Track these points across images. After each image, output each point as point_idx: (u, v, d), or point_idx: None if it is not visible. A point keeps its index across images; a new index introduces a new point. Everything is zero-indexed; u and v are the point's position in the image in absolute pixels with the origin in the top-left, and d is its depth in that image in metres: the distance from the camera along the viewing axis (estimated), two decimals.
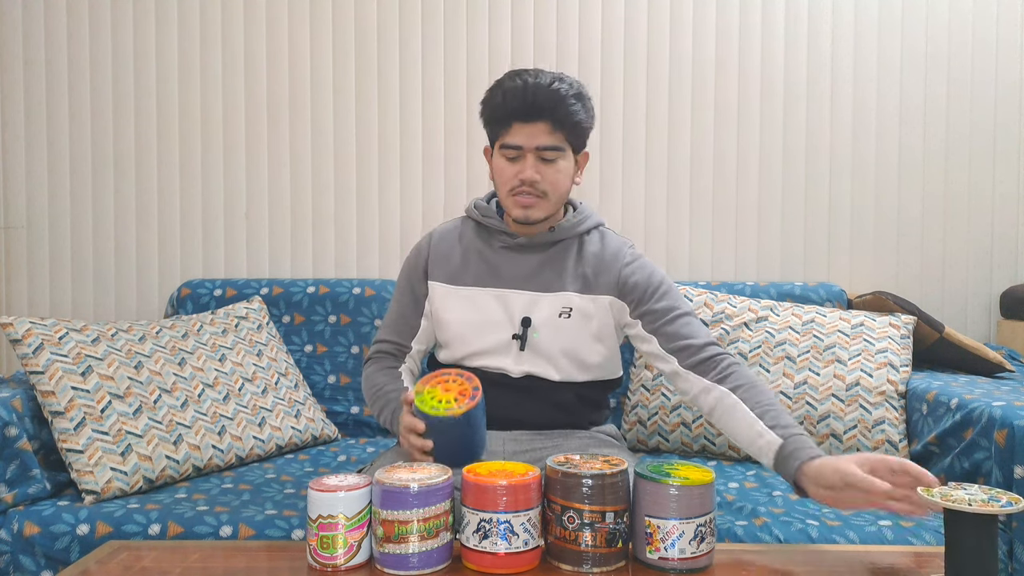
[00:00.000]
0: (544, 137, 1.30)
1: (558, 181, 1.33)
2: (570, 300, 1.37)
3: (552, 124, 1.29)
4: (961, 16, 2.19)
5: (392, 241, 2.21)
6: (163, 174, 2.22)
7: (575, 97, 1.30)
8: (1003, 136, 2.21)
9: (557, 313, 1.36)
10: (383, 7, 2.20)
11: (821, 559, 1.12)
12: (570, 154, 1.34)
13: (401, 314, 1.45)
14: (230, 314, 1.90)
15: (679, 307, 1.36)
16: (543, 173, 1.31)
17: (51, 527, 1.37)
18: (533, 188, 1.31)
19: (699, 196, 2.21)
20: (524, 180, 1.31)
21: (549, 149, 1.30)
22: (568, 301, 1.36)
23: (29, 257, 2.24)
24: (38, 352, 1.51)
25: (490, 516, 0.98)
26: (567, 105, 1.28)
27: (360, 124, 2.21)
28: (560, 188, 1.34)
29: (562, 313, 1.36)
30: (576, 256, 1.40)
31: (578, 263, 1.39)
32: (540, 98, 1.27)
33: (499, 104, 1.31)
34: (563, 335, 1.36)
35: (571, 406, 1.41)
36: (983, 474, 1.43)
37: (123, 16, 2.20)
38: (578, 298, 1.37)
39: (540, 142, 1.30)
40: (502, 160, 1.34)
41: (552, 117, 1.28)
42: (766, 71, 2.19)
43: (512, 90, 1.29)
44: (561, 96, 1.28)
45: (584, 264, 1.39)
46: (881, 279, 2.21)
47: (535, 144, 1.30)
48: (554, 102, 1.28)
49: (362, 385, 1.45)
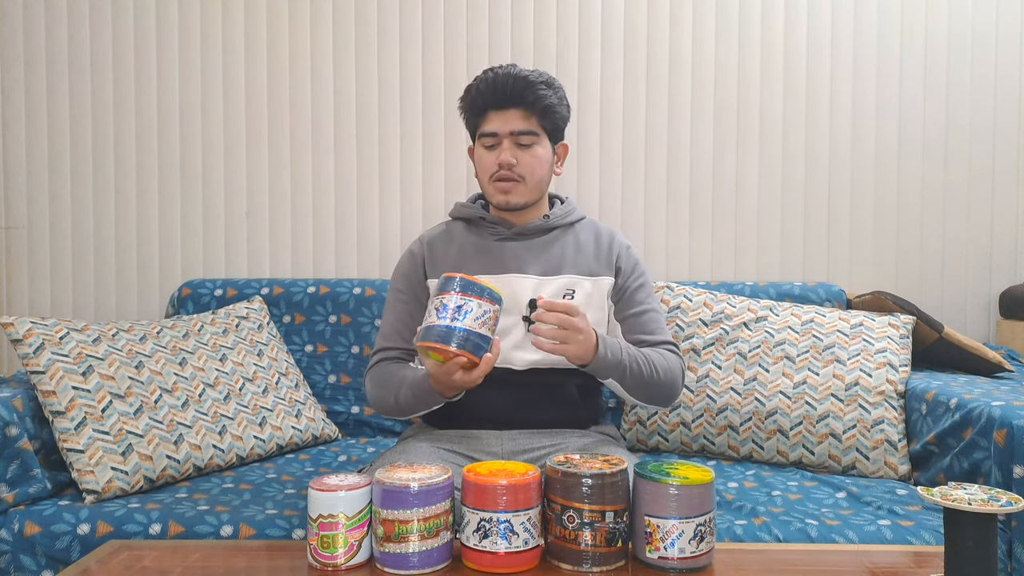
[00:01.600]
0: (518, 122, 1.38)
1: (534, 166, 1.40)
2: (573, 281, 1.41)
3: (524, 109, 1.38)
4: (961, 16, 2.19)
5: (392, 241, 2.21)
6: (164, 174, 2.22)
7: (544, 84, 1.39)
8: (1002, 136, 2.21)
9: (561, 294, 1.40)
10: (383, 7, 2.20)
11: (820, 558, 1.12)
12: (546, 141, 1.42)
13: (401, 320, 1.45)
14: (231, 314, 1.91)
15: (649, 303, 1.45)
16: (519, 158, 1.39)
17: (52, 527, 1.37)
18: (511, 172, 1.38)
19: (699, 196, 2.21)
20: (501, 163, 1.39)
21: (523, 134, 1.39)
22: (572, 282, 1.41)
23: (30, 257, 2.24)
24: (39, 352, 1.51)
25: (490, 515, 0.99)
26: (536, 90, 1.38)
27: (360, 124, 2.21)
28: (537, 173, 1.41)
29: (566, 294, 1.40)
30: (573, 242, 1.46)
31: (577, 248, 1.45)
32: (511, 86, 1.37)
33: (474, 96, 1.41)
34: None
35: (572, 401, 1.42)
36: (982, 474, 1.43)
37: (124, 16, 2.21)
38: (580, 279, 1.42)
39: (514, 127, 1.38)
40: (481, 150, 1.42)
41: (523, 103, 1.38)
42: (765, 71, 2.20)
43: (485, 81, 1.40)
44: (531, 82, 1.38)
45: (583, 248, 1.45)
46: (880, 279, 2.22)
47: (509, 129, 1.38)
48: (523, 88, 1.38)
49: (368, 387, 1.44)
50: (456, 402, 1.35)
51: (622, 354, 1.31)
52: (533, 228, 1.44)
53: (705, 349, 1.81)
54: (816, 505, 1.46)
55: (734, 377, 1.76)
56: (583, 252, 1.45)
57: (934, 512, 1.40)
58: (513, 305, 1.38)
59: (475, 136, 1.45)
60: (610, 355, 1.29)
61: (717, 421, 1.74)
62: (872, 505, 1.45)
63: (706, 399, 1.76)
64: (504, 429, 1.39)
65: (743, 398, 1.73)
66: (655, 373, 1.34)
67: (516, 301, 1.39)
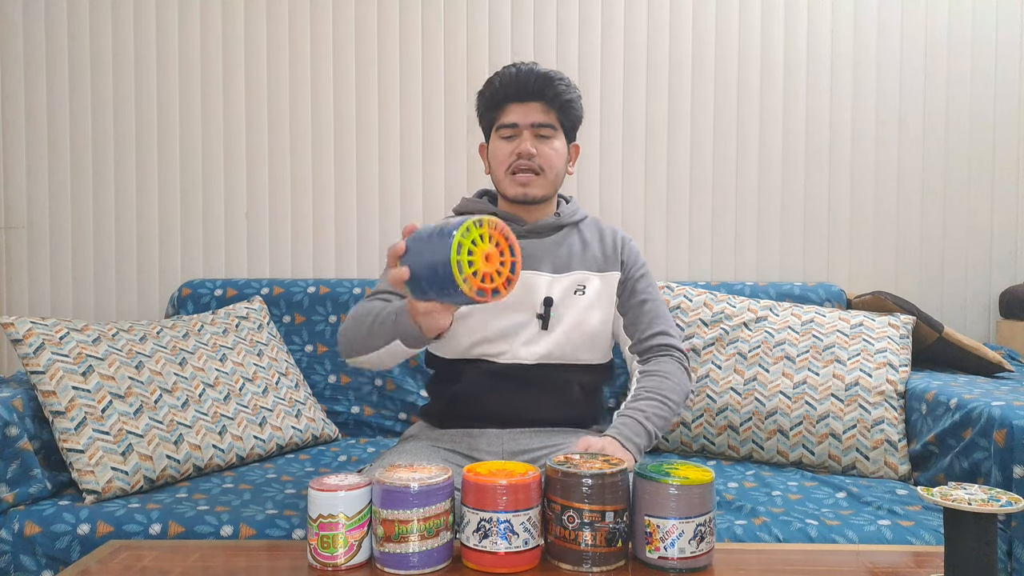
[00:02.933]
0: (538, 115, 1.39)
1: (553, 158, 1.41)
2: (584, 277, 1.43)
3: (545, 103, 1.39)
4: (961, 16, 2.19)
5: (392, 241, 2.20)
6: (164, 174, 2.22)
7: (564, 82, 1.40)
8: (1002, 136, 2.21)
9: (572, 290, 1.40)
10: (383, 7, 2.20)
11: (820, 559, 1.12)
12: (563, 137, 1.43)
13: None
14: (231, 314, 1.91)
15: (649, 293, 1.46)
16: (539, 149, 1.40)
17: (52, 527, 1.37)
18: (530, 163, 1.39)
19: (699, 196, 2.21)
20: (521, 153, 1.39)
21: (543, 126, 1.39)
22: (582, 278, 1.42)
23: (30, 257, 2.24)
24: (39, 352, 1.51)
25: (490, 515, 0.98)
26: (557, 86, 1.39)
27: (360, 124, 2.21)
28: (555, 166, 1.41)
29: (577, 290, 1.41)
30: (580, 239, 1.47)
31: (584, 245, 1.46)
32: (533, 80, 1.38)
33: (495, 89, 1.41)
34: (576, 310, 1.40)
35: (576, 399, 1.42)
36: (982, 474, 1.43)
37: (123, 16, 2.21)
38: (590, 275, 1.43)
39: (535, 119, 1.39)
40: (498, 141, 1.42)
41: (544, 97, 1.39)
42: (765, 71, 2.20)
43: (507, 75, 1.40)
44: (551, 78, 1.39)
45: (589, 245, 1.46)
46: (880, 279, 2.22)
47: (530, 121, 1.39)
48: (545, 83, 1.38)
49: (343, 325, 1.33)
50: (460, 398, 1.34)
51: (648, 425, 1.29)
52: (545, 226, 1.44)
53: (705, 349, 1.81)
54: (816, 505, 1.46)
55: (734, 377, 1.76)
56: (590, 248, 1.46)
57: (934, 512, 1.40)
58: (527, 302, 1.38)
59: (491, 131, 1.45)
60: (644, 442, 1.28)
61: (717, 421, 1.74)
62: (872, 505, 1.45)
63: (706, 399, 1.76)
64: (505, 428, 1.39)
65: (743, 398, 1.73)
66: (672, 407, 1.34)
67: (531, 298, 1.39)
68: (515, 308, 1.38)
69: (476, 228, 0.97)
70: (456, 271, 0.94)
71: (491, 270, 0.98)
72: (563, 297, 1.40)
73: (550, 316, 1.38)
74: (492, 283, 0.99)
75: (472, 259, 0.96)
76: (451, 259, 0.94)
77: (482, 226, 0.98)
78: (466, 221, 0.96)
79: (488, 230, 0.99)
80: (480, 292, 0.97)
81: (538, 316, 1.39)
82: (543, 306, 1.38)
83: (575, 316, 1.40)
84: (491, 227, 0.99)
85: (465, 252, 0.95)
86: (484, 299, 0.98)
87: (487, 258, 0.98)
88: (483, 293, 0.98)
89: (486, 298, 0.98)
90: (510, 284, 1.01)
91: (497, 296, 0.99)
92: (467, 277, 0.95)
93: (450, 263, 0.94)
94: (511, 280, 1.01)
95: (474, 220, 0.97)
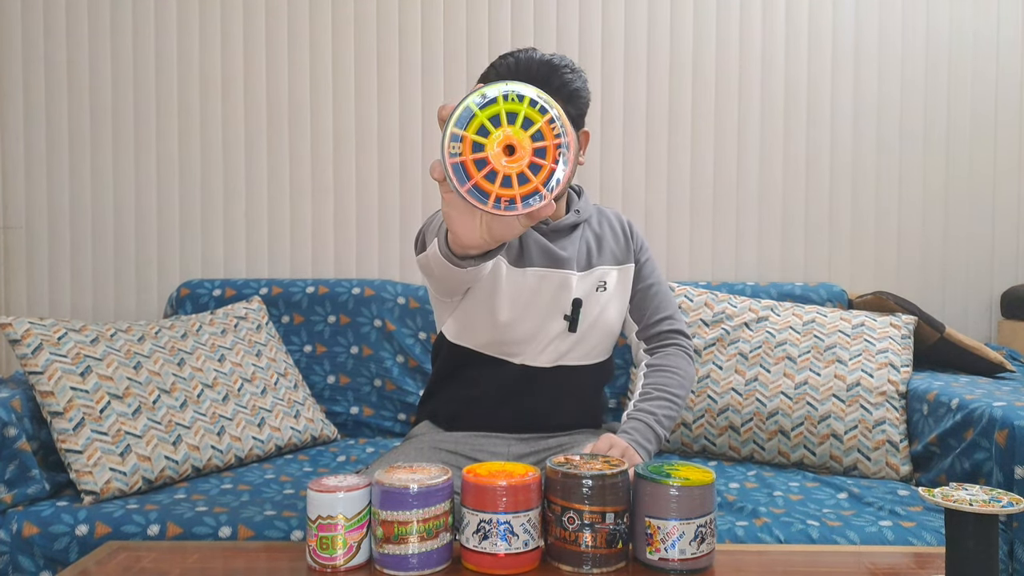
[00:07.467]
0: None
1: None
2: (604, 272, 1.39)
3: (550, 93, 1.27)
4: (961, 17, 2.19)
5: (392, 241, 2.21)
6: (162, 174, 2.22)
7: (568, 68, 1.29)
8: (1004, 136, 2.21)
9: (595, 287, 1.38)
10: (383, 6, 2.19)
11: (822, 560, 1.11)
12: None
13: None
14: (229, 314, 1.90)
15: (654, 278, 1.44)
16: None
17: (50, 527, 1.37)
18: None
19: (699, 196, 2.21)
20: None
21: None
22: (603, 274, 1.39)
23: (28, 257, 2.23)
24: (37, 352, 1.51)
25: (490, 517, 0.98)
26: (562, 74, 1.28)
27: (360, 124, 2.21)
28: None
29: (599, 287, 1.38)
30: (593, 233, 1.42)
31: (598, 238, 1.42)
32: (535, 71, 1.26)
33: (496, 79, 1.29)
34: (597, 308, 1.37)
35: (587, 399, 1.42)
36: (984, 474, 1.43)
37: (122, 16, 2.20)
38: (608, 269, 1.40)
39: None
40: None
41: (549, 88, 1.26)
42: (766, 71, 2.19)
43: (505, 66, 1.28)
44: (555, 66, 1.27)
45: (603, 237, 1.42)
46: (882, 279, 2.21)
47: None
48: (548, 72, 1.26)
49: (421, 261, 1.23)
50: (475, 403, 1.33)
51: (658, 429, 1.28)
52: (566, 225, 1.38)
53: (706, 349, 1.80)
54: (817, 506, 1.45)
55: (735, 377, 1.76)
56: (606, 242, 1.41)
57: (935, 513, 1.40)
58: (558, 302, 1.34)
59: None
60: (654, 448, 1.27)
61: (718, 422, 1.74)
62: (873, 506, 1.45)
63: (707, 400, 1.75)
64: (517, 433, 1.38)
65: (744, 399, 1.73)
66: (679, 405, 1.33)
67: (563, 299, 1.34)
68: (547, 312, 1.33)
69: (504, 102, 0.68)
70: (445, 151, 0.68)
71: (511, 169, 0.69)
72: (587, 296, 1.36)
73: (578, 318, 1.34)
74: (508, 188, 0.69)
75: (485, 142, 0.68)
76: (444, 135, 0.69)
77: (520, 101, 0.68)
78: (492, 87, 0.69)
79: (525, 108, 0.69)
80: (478, 192, 0.69)
81: (565, 317, 1.34)
82: (572, 307, 1.34)
83: (596, 314, 1.37)
84: (532, 107, 0.69)
85: (473, 130, 0.68)
86: (485, 207, 0.69)
87: (509, 149, 0.69)
88: (484, 196, 0.69)
89: (486, 206, 0.70)
90: (537, 198, 0.70)
91: (512, 209, 0.70)
92: (463, 160, 0.68)
93: (441, 143, 0.69)
94: (539, 192, 0.70)
95: (505, 91, 0.68)
